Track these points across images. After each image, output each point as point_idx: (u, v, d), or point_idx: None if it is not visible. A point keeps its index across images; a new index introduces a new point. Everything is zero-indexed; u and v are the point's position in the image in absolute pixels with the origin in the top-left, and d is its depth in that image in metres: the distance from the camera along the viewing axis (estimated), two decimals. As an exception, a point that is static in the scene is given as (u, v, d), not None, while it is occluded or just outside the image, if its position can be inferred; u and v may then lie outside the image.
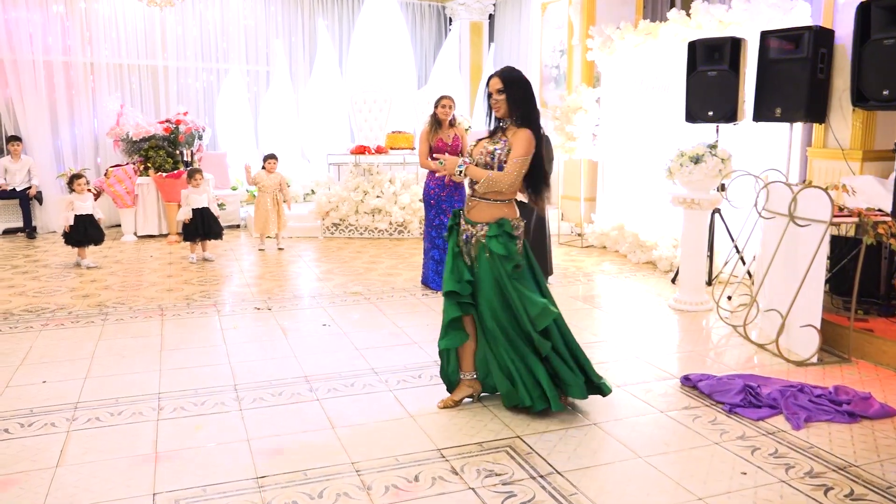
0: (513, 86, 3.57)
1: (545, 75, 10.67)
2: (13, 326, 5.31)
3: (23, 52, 9.64)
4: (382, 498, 2.87)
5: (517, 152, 3.53)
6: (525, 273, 3.68)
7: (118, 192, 9.19)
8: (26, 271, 7.29)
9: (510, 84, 3.57)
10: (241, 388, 4.07)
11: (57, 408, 3.78)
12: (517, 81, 3.59)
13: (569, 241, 9.10)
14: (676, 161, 5.79)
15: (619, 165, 8.58)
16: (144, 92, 10.77)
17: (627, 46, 8.07)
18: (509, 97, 3.56)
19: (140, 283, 6.80)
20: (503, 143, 3.58)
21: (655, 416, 3.69)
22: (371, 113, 10.72)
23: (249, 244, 8.91)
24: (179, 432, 3.49)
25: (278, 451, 3.29)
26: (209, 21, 11.09)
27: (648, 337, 5.14)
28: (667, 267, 7.20)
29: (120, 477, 3.05)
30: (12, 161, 9.54)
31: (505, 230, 3.59)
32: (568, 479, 3.01)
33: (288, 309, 5.85)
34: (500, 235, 3.58)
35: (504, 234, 3.58)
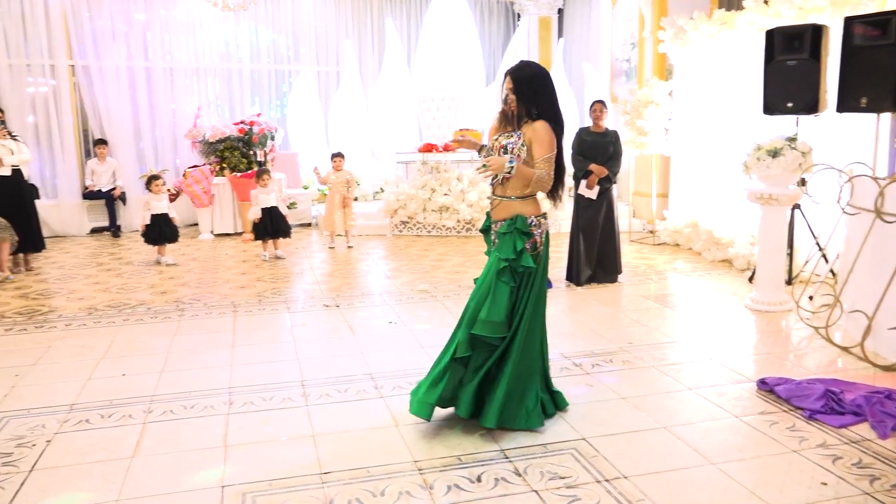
0: (521, 83, 3.46)
1: (615, 69, 10.45)
2: (97, 321, 5.55)
3: (107, 58, 10.09)
4: (444, 497, 2.85)
5: (542, 152, 3.42)
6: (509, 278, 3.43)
7: (196, 191, 9.50)
8: (110, 268, 7.62)
9: (518, 82, 3.46)
10: (308, 384, 4.13)
11: (134, 400, 3.92)
12: (525, 78, 3.47)
13: (640, 239, 8.89)
14: (753, 155, 5.57)
15: (693, 160, 8.32)
16: (220, 94, 11.09)
17: (701, 37, 7.81)
18: (520, 95, 3.46)
19: (215, 280, 7.00)
20: (517, 136, 3.48)
21: (729, 421, 3.55)
22: (439, 111, 10.74)
23: (320, 242, 9.06)
24: (248, 426, 3.57)
25: (342, 447, 3.31)
26: (281, 24, 11.34)
27: (723, 338, 4.95)
28: (743, 265, 6.94)
29: (191, 469, 3.13)
30: (99, 163, 10.00)
31: (517, 227, 3.43)
32: (635, 485, 2.92)
33: (356, 306, 5.91)
34: (511, 233, 3.43)
35: (515, 232, 3.43)
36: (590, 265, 6.54)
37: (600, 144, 6.45)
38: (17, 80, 9.71)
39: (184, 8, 10.54)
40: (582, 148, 6.48)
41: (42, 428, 3.58)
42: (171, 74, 10.61)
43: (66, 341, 5.05)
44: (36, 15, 9.70)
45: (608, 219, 6.54)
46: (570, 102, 11.20)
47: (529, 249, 3.44)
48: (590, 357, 4.51)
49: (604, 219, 6.51)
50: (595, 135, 6.50)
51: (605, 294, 6.23)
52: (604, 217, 6.51)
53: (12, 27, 9.62)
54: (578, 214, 6.54)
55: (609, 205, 6.53)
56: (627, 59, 10.08)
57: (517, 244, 3.41)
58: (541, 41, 12.18)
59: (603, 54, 10.74)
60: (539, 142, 3.42)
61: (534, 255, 3.47)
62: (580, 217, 6.52)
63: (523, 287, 3.46)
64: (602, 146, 6.44)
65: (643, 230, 9.33)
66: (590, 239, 6.51)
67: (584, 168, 6.43)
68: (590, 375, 4.18)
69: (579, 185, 6.48)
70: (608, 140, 6.48)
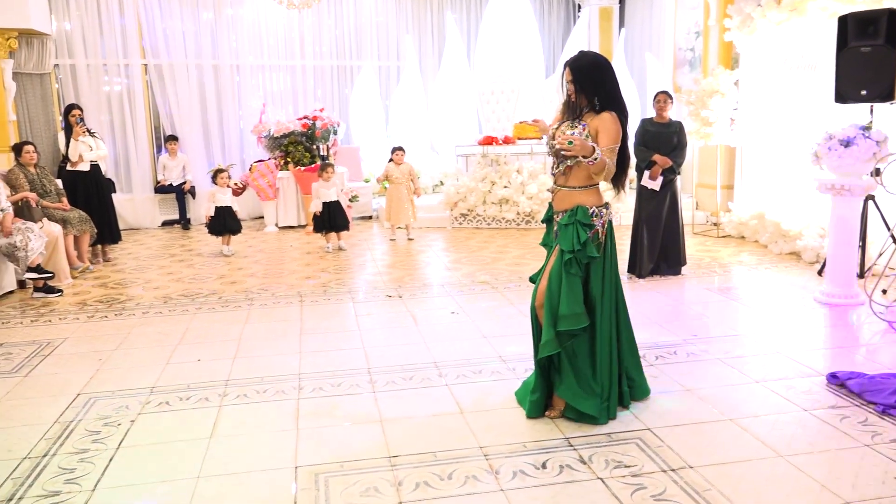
0: (580, 73, 3.43)
1: (679, 58, 10.27)
2: (172, 309, 5.80)
3: (177, 57, 10.45)
4: (510, 482, 2.91)
5: (608, 141, 3.36)
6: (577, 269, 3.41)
7: (261, 185, 9.77)
8: (182, 259, 7.92)
9: (578, 72, 3.43)
10: (374, 371, 4.24)
11: (210, 384, 4.10)
12: (585, 68, 3.43)
13: (704, 231, 8.75)
14: (824, 144, 5.42)
15: (760, 151, 8.13)
16: (284, 90, 11.36)
17: (769, 24, 7.62)
18: (580, 85, 3.43)
19: (281, 271, 7.21)
20: (581, 127, 3.43)
21: (798, 415, 3.49)
22: (499, 104, 10.75)
23: (381, 234, 9.21)
24: (318, 411, 3.69)
25: (409, 432, 3.40)
26: (343, 20, 11.52)
27: (791, 331, 4.86)
28: (812, 258, 6.77)
29: (265, 449, 3.27)
30: (170, 158, 10.39)
31: (578, 218, 3.39)
32: (702, 475, 2.92)
33: (418, 297, 6.01)
34: (573, 224, 3.40)
35: (576, 223, 3.39)
36: (652, 257, 6.48)
37: (664, 135, 6.37)
38: (95, 79, 10.16)
39: (250, 6, 10.82)
40: (645, 139, 6.42)
41: (126, 409, 3.78)
42: (237, 72, 10.92)
43: (144, 328, 5.30)
44: (112, 17, 10.12)
45: (672, 210, 6.46)
46: (631, 93, 11.06)
47: (592, 240, 3.42)
48: (653, 349, 4.49)
49: (667, 210, 6.44)
50: (659, 125, 6.43)
51: (668, 286, 6.17)
52: (668, 209, 6.44)
53: (90, 29, 10.07)
54: (641, 206, 6.49)
55: (673, 196, 6.45)
56: (691, 49, 9.90)
57: (580, 235, 3.39)
58: (601, 32, 12.05)
59: (666, 44, 10.56)
60: (606, 132, 3.38)
61: (596, 245, 3.44)
62: (642, 209, 6.47)
63: (592, 277, 3.45)
64: (666, 137, 6.37)
65: (706, 222, 9.17)
66: (652, 231, 6.45)
67: (646, 159, 6.37)
68: (653, 367, 4.17)
69: (642, 176, 6.43)
70: (672, 131, 6.40)
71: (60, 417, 3.69)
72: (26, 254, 6.14)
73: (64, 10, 9.97)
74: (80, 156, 7.53)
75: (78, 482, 3.01)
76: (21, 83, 9.54)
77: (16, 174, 7.00)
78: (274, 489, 2.92)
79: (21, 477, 3.07)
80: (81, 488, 2.96)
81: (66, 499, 2.88)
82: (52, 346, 4.89)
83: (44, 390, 4.10)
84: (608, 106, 3.43)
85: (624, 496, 2.78)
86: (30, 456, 3.27)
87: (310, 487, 2.92)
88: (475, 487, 2.88)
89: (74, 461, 3.20)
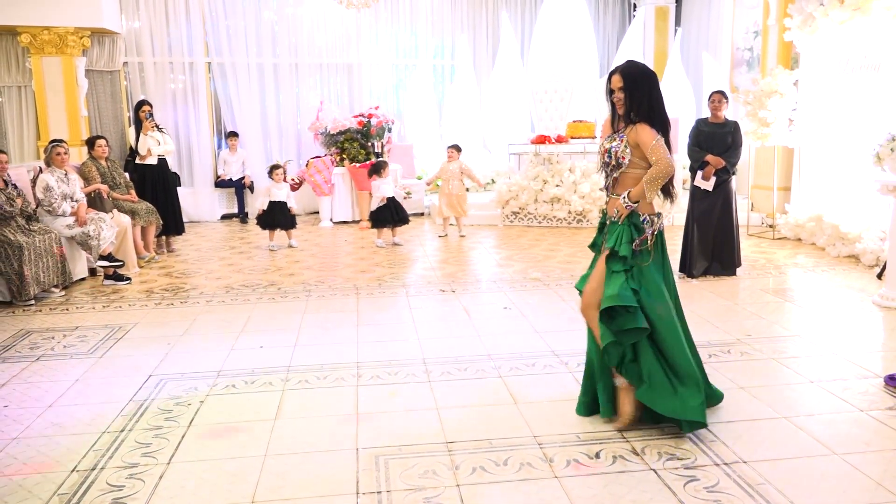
0: (633, 82, 3.40)
1: (736, 58, 10.15)
2: (234, 299, 6.03)
3: (239, 55, 10.78)
4: (564, 470, 2.99)
5: (647, 141, 3.34)
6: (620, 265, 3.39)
7: (317, 181, 10.01)
8: (242, 252, 8.19)
9: (631, 81, 3.40)
10: (429, 362, 4.36)
11: (273, 369, 4.28)
12: (639, 77, 3.41)
13: (759, 233, 8.64)
14: (887, 146, 5.34)
15: (819, 152, 8.01)
16: (340, 88, 11.59)
17: (831, 24, 7.49)
18: (630, 95, 3.40)
19: (336, 264, 7.40)
20: (620, 138, 3.43)
21: (854, 415, 3.49)
22: (552, 103, 10.78)
23: (432, 231, 9.34)
24: (376, 397, 3.83)
25: (465, 420, 3.51)
26: (399, 19, 11.69)
27: (848, 333, 4.81)
28: (872, 261, 6.65)
29: (328, 432, 3.42)
30: (230, 154, 10.72)
31: (632, 220, 3.39)
32: (755, 469, 2.95)
33: (470, 292, 6.11)
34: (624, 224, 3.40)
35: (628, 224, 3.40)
36: (704, 257, 6.46)
37: (718, 135, 6.34)
38: (161, 76, 10.55)
39: (310, 6, 11.07)
40: (699, 139, 6.40)
41: (195, 390, 3.99)
42: (296, 70, 11.20)
43: (208, 315, 5.53)
44: (178, 16, 10.50)
45: (725, 211, 6.42)
46: (686, 93, 10.97)
47: (641, 244, 3.39)
48: (706, 347, 4.50)
49: (721, 211, 6.40)
50: (713, 126, 6.40)
51: (721, 287, 6.14)
52: (721, 209, 6.40)
53: (157, 28, 10.46)
54: (693, 206, 6.47)
55: (726, 197, 6.41)
56: (749, 48, 9.77)
57: (623, 235, 3.38)
58: (657, 31, 11.97)
59: (723, 43, 10.44)
60: (643, 138, 3.35)
61: (641, 250, 3.40)
62: (695, 208, 6.45)
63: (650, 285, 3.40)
64: (720, 137, 6.34)
65: (762, 224, 9.05)
66: (704, 231, 6.42)
67: (700, 159, 6.35)
68: (707, 365, 4.16)
69: (695, 176, 6.41)
70: (726, 131, 6.36)
71: (135, 396, 3.91)
72: (99, 242, 6.45)
73: (133, 10, 10.38)
74: (149, 150, 7.85)
75: (154, 456, 3.21)
76: (92, 80, 9.97)
77: (89, 167, 7.34)
78: (336, 468, 3.06)
79: (101, 449, 3.28)
80: (157, 461, 3.15)
81: (144, 470, 3.07)
82: (124, 331, 5.15)
83: (118, 371, 4.34)
84: (647, 119, 3.39)
85: (677, 487, 2.84)
86: (108, 430, 3.48)
87: (370, 468, 3.05)
88: (530, 474, 2.98)
89: (150, 437, 3.41)
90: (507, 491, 2.85)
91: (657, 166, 3.34)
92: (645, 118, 3.39)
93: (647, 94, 3.40)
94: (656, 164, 3.34)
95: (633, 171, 3.41)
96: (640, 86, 3.40)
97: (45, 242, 6.08)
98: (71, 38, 9.38)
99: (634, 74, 3.42)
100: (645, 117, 3.39)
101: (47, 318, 5.57)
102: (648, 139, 3.34)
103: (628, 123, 3.45)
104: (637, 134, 3.38)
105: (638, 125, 3.39)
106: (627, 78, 3.41)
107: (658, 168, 3.34)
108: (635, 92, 3.40)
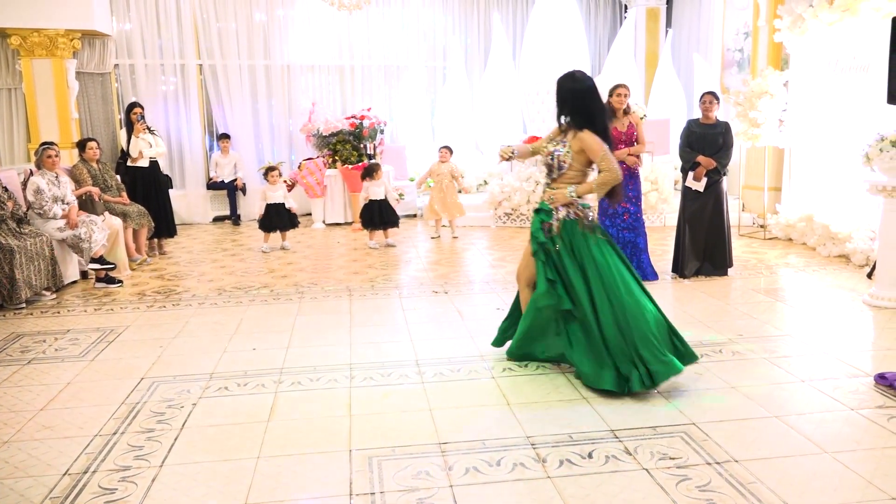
0: (563, 93, 3.92)
1: (727, 59, 10.20)
2: (226, 301, 6.02)
3: (231, 57, 10.75)
4: (557, 470, 3.00)
5: (596, 150, 3.84)
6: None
7: (309, 183, 10.00)
8: (234, 254, 8.17)
9: (561, 91, 3.93)
10: (422, 363, 4.37)
11: (265, 371, 4.28)
12: (569, 89, 3.90)
13: (750, 233, 8.69)
14: (876, 146, 5.38)
15: (810, 152, 8.05)
16: (332, 90, 11.58)
17: (821, 25, 7.54)
18: (562, 104, 3.93)
19: (329, 266, 7.39)
20: (563, 144, 3.92)
21: (845, 413, 3.51)
22: (544, 104, 10.78)
23: (425, 232, 9.34)
24: (369, 399, 3.83)
25: (458, 420, 3.52)
26: (391, 21, 11.69)
27: (838, 333, 4.84)
28: (862, 261, 6.69)
29: (321, 433, 3.42)
30: (222, 156, 10.69)
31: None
32: (746, 468, 2.97)
33: (463, 293, 6.12)
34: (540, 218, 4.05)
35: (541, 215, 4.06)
36: (696, 258, 6.49)
37: (709, 136, 6.37)
38: (152, 78, 10.51)
39: (301, 8, 11.06)
40: (690, 139, 6.42)
41: (187, 392, 3.98)
42: (288, 72, 11.17)
43: (200, 318, 5.52)
44: (169, 19, 10.46)
45: (717, 212, 6.45)
46: (677, 94, 11.02)
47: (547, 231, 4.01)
48: (698, 347, 4.49)
49: (712, 212, 6.43)
50: (704, 126, 6.43)
51: (712, 287, 6.17)
52: (712, 210, 6.43)
53: (148, 30, 10.42)
54: (685, 206, 6.50)
55: (718, 198, 6.44)
56: (740, 49, 9.82)
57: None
58: (648, 33, 12.02)
59: (714, 45, 10.49)
60: (589, 147, 3.86)
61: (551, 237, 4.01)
62: (686, 209, 6.48)
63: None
64: (711, 138, 6.36)
65: (753, 224, 9.09)
66: (696, 231, 6.45)
67: (691, 160, 6.38)
68: (698, 364, 4.20)
69: (686, 177, 6.44)
70: (718, 132, 6.39)
71: (127, 399, 3.90)
72: (90, 245, 6.43)
73: (124, 12, 10.34)
74: (140, 152, 7.83)
75: (146, 458, 3.20)
76: (83, 82, 9.93)
77: (80, 169, 7.32)
78: (330, 470, 3.06)
79: (94, 452, 3.28)
80: (150, 464, 3.15)
81: (137, 473, 3.07)
82: (116, 333, 5.13)
83: (110, 374, 4.32)
84: (585, 125, 3.86)
85: (669, 486, 2.85)
86: (100, 434, 3.47)
87: (364, 469, 3.05)
88: (523, 474, 2.98)
89: (142, 439, 3.40)
90: (501, 491, 2.86)
91: (609, 174, 3.83)
92: (585, 125, 3.85)
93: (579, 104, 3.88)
94: (608, 172, 3.82)
95: (571, 172, 3.95)
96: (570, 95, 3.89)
97: (36, 246, 6.05)
98: (61, 40, 9.33)
99: (564, 86, 3.93)
100: (585, 124, 3.85)
101: (39, 321, 5.54)
102: (597, 149, 3.83)
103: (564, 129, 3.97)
104: (582, 142, 3.85)
105: (582, 133, 3.85)
106: (559, 89, 3.93)
107: (609, 175, 3.83)
108: (566, 101, 3.91)
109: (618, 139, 6.21)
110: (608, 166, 3.81)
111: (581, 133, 3.85)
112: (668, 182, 9.42)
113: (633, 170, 6.26)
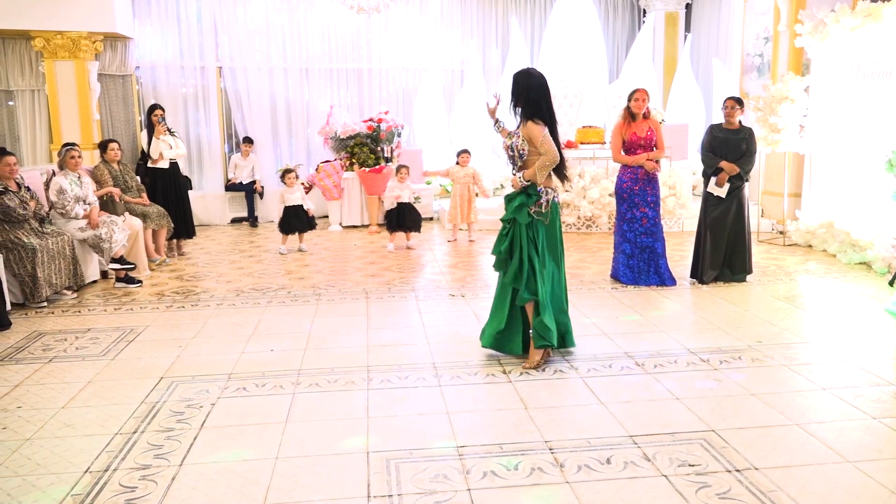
0: (518, 87, 4.30)
1: (746, 64, 10.13)
2: (244, 302, 6.05)
3: (250, 60, 10.84)
4: (575, 475, 2.99)
5: (537, 136, 4.22)
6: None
7: (327, 185, 10.04)
8: (251, 255, 8.22)
9: (516, 86, 4.30)
10: (439, 366, 4.37)
11: (283, 372, 4.30)
12: (524, 85, 4.27)
13: (769, 239, 8.62)
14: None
15: (831, 158, 7.98)
16: (350, 93, 11.63)
17: (843, 31, 7.48)
18: (516, 97, 4.31)
19: (346, 268, 7.42)
20: (517, 135, 4.34)
21: (867, 422, 3.47)
22: (561, 108, 10.77)
23: (442, 236, 9.35)
24: (387, 401, 3.84)
25: (475, 424, 3.52)
26: (409, 25, 11.73)
27: (860, 340, 4.79)
28: (883, 268, 6.62)
29: (338, 435, 3.43)
30: (242, 158, 10.77)
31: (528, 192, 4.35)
32: (767, 476, 2.94)
33: (480, 297, 6.11)
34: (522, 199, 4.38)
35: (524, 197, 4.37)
36: (716, 264, 6.43)
37: (732, 142, 6.33)
38: (172, 81, 10.61)
39: (320, 11, 11.13)
40: (713, 145, 6.38)
41: (206, 392, 4.00)
42: (306, 74, 11.24)
43: (218, 318, 5.55)
44: (189, 21, 10.56)
45: (738, 218, 6.40)
46: (696, 99, 10.97)
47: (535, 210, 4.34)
48: (717, 353, 4.50)
49: (734, 218, 6.38)
50: (727, 132, 6.39)
51: (731, 293, 6.13)
52: (734, 216, 6.38)
53: (169, 33, 10.53)
54: (706, 212, 6.45)
55: (739, 203, 6.39)
56: (760, 54, 9.76)
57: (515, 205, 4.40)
58: (667, 38, 11.98)
59: (734, 49, 10.43)
60: (533, 136, 4.25)
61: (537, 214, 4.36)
62: (707, 215, 6.43)
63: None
64: (734, 143, 6.32)
65: (772, 230, 9.02)
66: (717, 237, 6.40)
67: (714, 165, 6.34)
68: (717, 371, 4.19)
69: (708, 182, 6.40)
70: (741, 137, 6.35)
71: (147, 398, 3.93)
72: (111, 245, 6.49)
73: (146, 15, 10.46)
74: (161, 154, 7.90)
75: (166, 457, 3.22)
76: (105, 84, 10.04)
77: (101, 170, 7.39)
78: (348, 471, 3.07)
79: (114, 450, 3.30)
80: (170, 463, 3.17)
81: (157, 472, 3.09)
82: (136, 333, 5.18)
83: (130, 373, 4.36)
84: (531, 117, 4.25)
85: (688, 493, 2.84)
86: (121, 432, 3.50)
87: (381, 472, 3.06)
88: (541, 479, 2.98)
89: (162, 438, 3.42)
90: (519, 495, 2.85)
91: (546, 156, 4.24)
92: (530, 117, 4.25)
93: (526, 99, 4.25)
94: (546, 154, 4.23)
95: (532, 158, 4.32)
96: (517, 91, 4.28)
97: (57, 245, 6.12)
98: (84, 42, 9.45)
99: (515, 82, 4.32)
100: (530, 117, 4.25)
101: (60, 319, 5.61)
102: (538, 134, 4.24)
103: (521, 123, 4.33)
104: (529, 131, 4.27)
105: (528, 123, 4.27)
106: (518, 84, 4.29)
107: (547, 157, 4.24)
108: (517, 95, 4.30)
109: (637, 144, 6.19)
110: (546, 149, 4.23)
111: (528, 122, 4.26)
112: (686, 187, 9.37)
113: (651, 175, 6.24)
